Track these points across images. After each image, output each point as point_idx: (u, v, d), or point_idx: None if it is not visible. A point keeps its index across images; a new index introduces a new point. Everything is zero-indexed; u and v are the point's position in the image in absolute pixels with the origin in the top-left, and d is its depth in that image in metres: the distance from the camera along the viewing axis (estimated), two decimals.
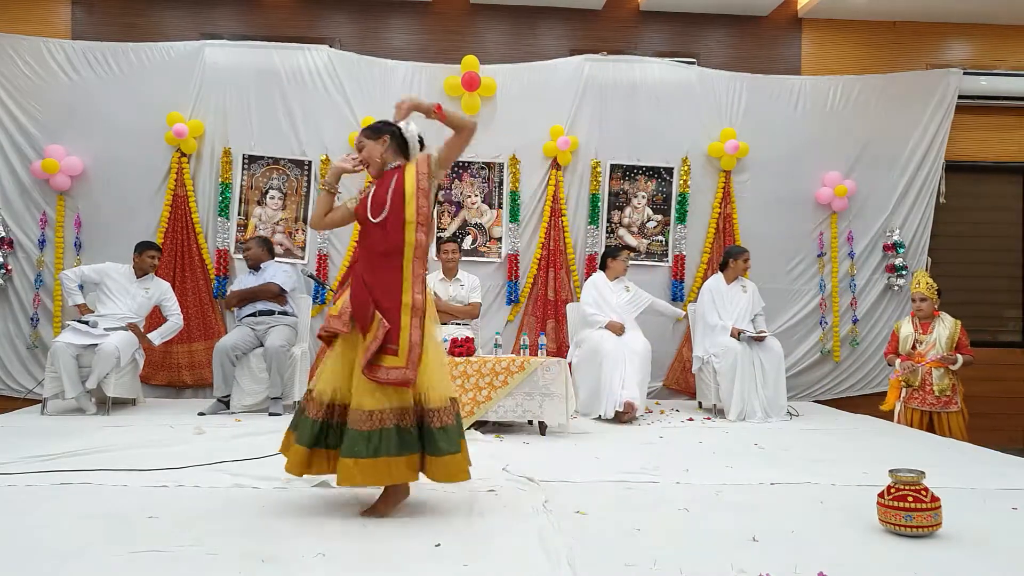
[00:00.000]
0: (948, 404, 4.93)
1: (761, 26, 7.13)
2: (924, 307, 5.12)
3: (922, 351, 5.05)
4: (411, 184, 2.78)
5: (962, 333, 5.07)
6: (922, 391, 4.98)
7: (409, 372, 2.66)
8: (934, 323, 5.11)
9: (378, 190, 2.83)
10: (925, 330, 5.11)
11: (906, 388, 5.04)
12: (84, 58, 6.16)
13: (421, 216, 2.75)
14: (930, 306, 5.10)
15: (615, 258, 5.79)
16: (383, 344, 2.67)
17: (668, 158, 6.66)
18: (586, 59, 6.59)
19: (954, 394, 4.96)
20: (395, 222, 2.74)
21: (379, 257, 2.77)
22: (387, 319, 2.68)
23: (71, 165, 6.04)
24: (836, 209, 6.74)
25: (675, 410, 5.78)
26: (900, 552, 2.39)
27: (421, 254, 2.76)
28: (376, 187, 2.86)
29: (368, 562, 2.25)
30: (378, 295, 2.72)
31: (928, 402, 4.96)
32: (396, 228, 2.74)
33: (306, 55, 6.36)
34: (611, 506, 2.92)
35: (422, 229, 2.75)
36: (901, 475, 2.58)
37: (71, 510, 2.75)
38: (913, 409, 5.02)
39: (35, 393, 5.67)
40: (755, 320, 5.77)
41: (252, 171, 6.35)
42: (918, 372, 4.99)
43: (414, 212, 2.74)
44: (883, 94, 6.79)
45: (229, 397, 5.30)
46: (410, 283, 2.73)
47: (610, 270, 5.78)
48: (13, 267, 6.12)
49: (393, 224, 2.75)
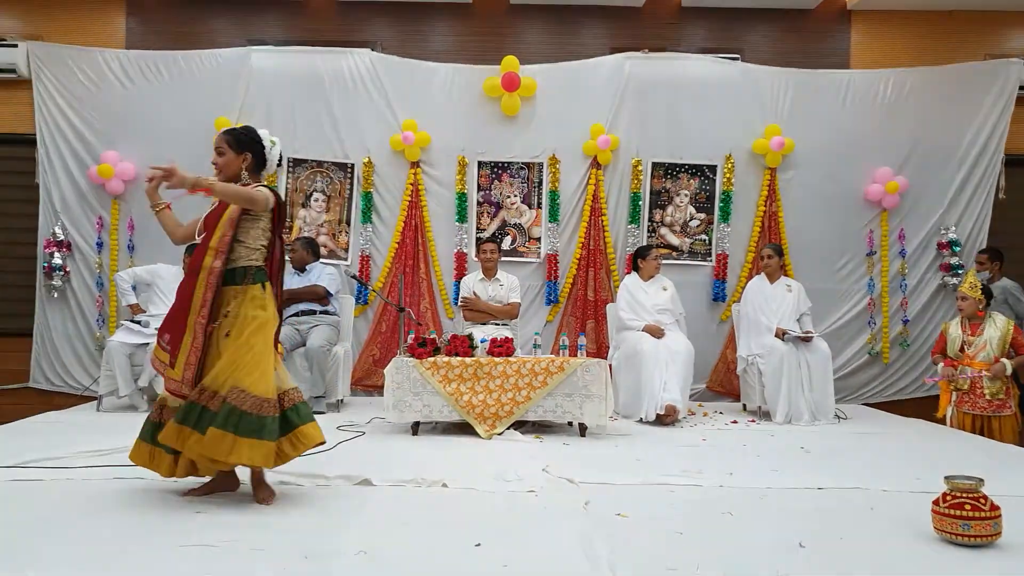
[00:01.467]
0: (1001, 408, 4.77)
1: (808, 20, 6.98)
2: (964, 306, 4.96)
3: (971, 353, 4.88)
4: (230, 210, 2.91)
5: (1016, 332, 4.88)
6: (972, 395, 4.82)
7: (184, 387, 2.81)
8: (983, 324, 4.93)
9: (217, 210, 2.95)
10: (974, 331, 4.94)
11: (955, 392, 4.89)
12: (137, 66, 6.35)
13: (222, 244, 2.88)
14: (971, 306, 4.93)
15: (645, 258, 5.73)
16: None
17: (711, 156, 6.57)
18: (627, 57, 6.53)
19: (1008, 397, 4.80)
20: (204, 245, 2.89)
21: (190, 274, 2.92)
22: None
23: (125, 170, 6.23)
24: (887, 206, 6.56)
25: (719, 412, 5.70)
26: (957, 562, 2.30)
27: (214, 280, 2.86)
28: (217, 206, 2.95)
29: (408, 561, 2.26)
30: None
31: (979, 406, 4.80)
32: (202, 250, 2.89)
33: (348, 59, 6.44)
34: (653, 509, 2.88)
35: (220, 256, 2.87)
36: (958, 482, 2.48)
37: (124, 503, 2.83)
38: (964, 413, 4.86)
39: (91, 390, 5.87)
40: (801, 320, 5.65)
41: (296, 174, 6.45)
42: (966, 375, 4.83)
43: (218, 239, 2.88)
44: (938, 87, 6.58)
45: None
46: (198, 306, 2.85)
47: (642, 270, 5.72)
48: (71, 269, 6.33)
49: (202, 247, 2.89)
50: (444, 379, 4.47)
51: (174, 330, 2.86)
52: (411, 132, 6.32)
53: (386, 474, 3.29)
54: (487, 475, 3.36)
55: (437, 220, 6.50)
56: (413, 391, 4.48)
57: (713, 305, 6.58)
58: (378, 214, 6.49)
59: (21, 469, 3.34)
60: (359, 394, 6.28)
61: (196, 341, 2.81)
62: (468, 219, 6.51)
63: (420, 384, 4.49)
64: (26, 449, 3.70)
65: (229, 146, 2.97)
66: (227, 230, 2.90)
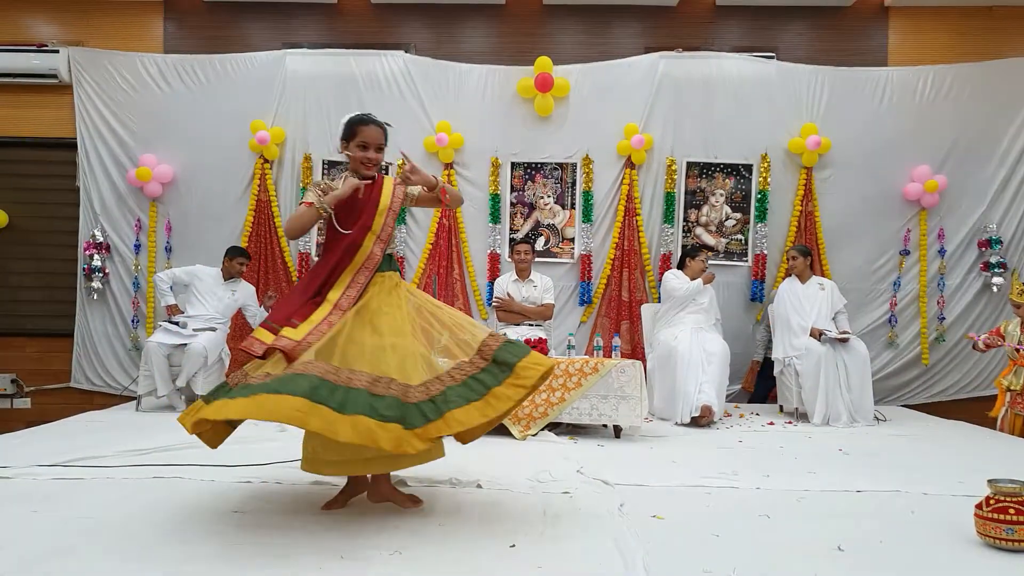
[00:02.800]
0: None
1: (844, 17, 6.87)
2: (1020, 313, 4.90)
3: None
4: (385, 201, 2.89)
5: None
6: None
7: (300, 349, 2.55)
8: None
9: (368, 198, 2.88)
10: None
11: (1010, 392, 4.77)
12: (175, 70, 6.46)
13: (385, 232, 2.86)
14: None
15: (694, 258, 5.69)
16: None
17: (747, 155, 6.50)
18: (661, 56, 6.49)
19: None
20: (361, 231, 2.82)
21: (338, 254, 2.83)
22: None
23: (162, 173, 6.35)
24: (925, 205, 6.43)
25: (755, 414, 5.63)
26: (1000, 568, 2.25)
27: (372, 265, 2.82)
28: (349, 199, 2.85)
29: (443, 562, 2.27)
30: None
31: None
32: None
33: (382, 61, 6.49)
34: (688, 511, 2.86)
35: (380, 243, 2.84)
36: (1002, 485, 2.43)
37: (163, 502, 2.87)
38: (1016, 415, 4.75)
39: (131, 390, 5.99)
40: (836, 319, 5.57)
41: (332, 176, 6.51)
42: (1021, 374, 4.72)
43: (380, 225, 2.85)
44: (978, 84, 6.45)
45: None
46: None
47: (688, 269, 5.69)
48: (110, 271, 6.47)
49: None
50: None
51: (306, 304, 2.72)
52: (444, 134, 6.35)
53: (421, 475, 3.30)
54: (522, 476, 3.35)
55: (471, 221, 6.51)
56: None
57: (750, 306, 6.51)
58: (412, 216, 6.53)
59: (63, 468, 3.41)
60: None
61: (332, 317, 2.68)
62: (501, 220, 6.52)
63: None
64: (68, 448, 3.80)
65: (379, 151, 2.94)
66: (390, 219, 2.89)
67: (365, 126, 2.88)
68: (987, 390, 6.47)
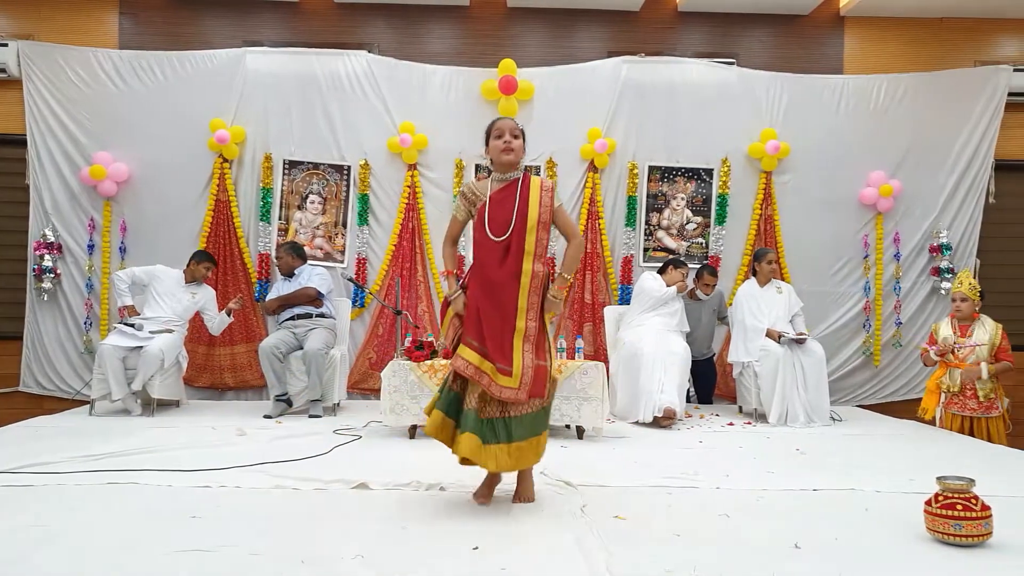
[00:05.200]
0: (990, 409, 4.78)
1: (802, 25, 7.02)
2: (964, 308, 4.94)
3: (961, 355, 4.88)
4: (534, 213, 2.89)
5: (1003, 337, 4.88)
6: (962, 396, 4.83)
7: (521, 394, 2.78)
8: (974, 326, 4.93)
9: (503, 205, 2.91)
10: (963, 332, 4.93)
11: (946, 394, 4.89)
12: (130, 67, 6.32)
13: (540, 248, 2.90)
14: (970, 307, 4.93)
15: (677, 268, 5.72)
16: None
17: (708, 159, 6.60)
18: (624, 61, 6.55)
19: (996, 398, 4.81)
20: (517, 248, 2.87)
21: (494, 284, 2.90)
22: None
23: (117, 171, 6.20)
24: (881, 210, 6.60)
25: (715, 415, 5.71)
26: (949, 562, 2.32)
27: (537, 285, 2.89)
28: (496, 198, 2.92)
29: (406, 564, 2.26)
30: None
31: (969, 407, 4.81)
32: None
33: (345, 61, 6.43)
34: (650, 511, 2.89)
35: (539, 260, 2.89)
36: (949, 482, 2.50)
37: (117, 509, 2.81)
38: (953, 415, 4.87)
39: (83, 394, 5.82)
40: (793, 321, 5.67)
41: (292, 176, 6.44)
42: (955, 375, 4.84)
43: (533, 243, 2.87)
44: (929, 92, 6.64)
45: (287, 394, 5.35)
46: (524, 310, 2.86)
47: (668, 276, 5.71)
48: (62, 271, 6.29)
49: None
50: (442, 382, 4.46)
51: (499, 340, 2.83)
52: (408, 134, 6.32)
53: (383, 478, 3.29)
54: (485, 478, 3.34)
55: (434, 223, 6.49)
56: (410, 394, 4.48)
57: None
58: (375, 216, 6.48)
59: (11, 475, 3.29)
60: (356, 397, 6.27)
61: (527, 345, 2.84)
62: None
63: (417, 387, 4.48)
64: (17, 455, 3.67)
65: (523, 137, 3.00)
66: (543, 234, 2.92)
67: (497, 121, 3.03)
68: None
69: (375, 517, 2.75)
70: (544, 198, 2.94)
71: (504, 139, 2.94)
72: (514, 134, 2.95)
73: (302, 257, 5.85)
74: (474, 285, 2.94)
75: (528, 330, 2.85)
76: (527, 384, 2.79)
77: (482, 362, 2.81)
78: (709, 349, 6.22)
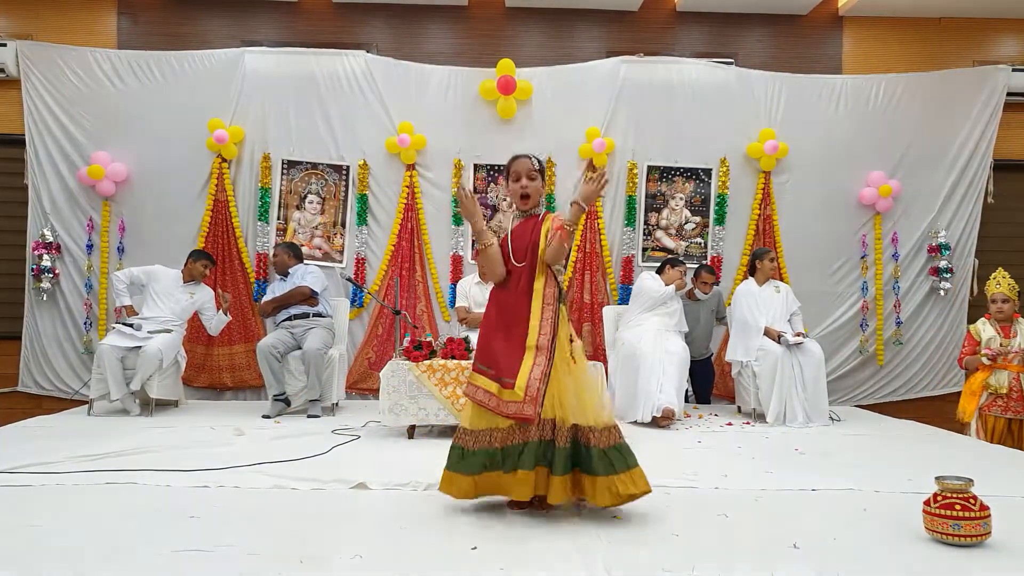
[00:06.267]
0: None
1: (801, 25, 7.02)
2: (1007, 309, 4.76)
3: (1009, 357, 4.70)
4: (543, 244, 2.89)
5: None
6: (1008, 397, 4.66)
7: (526, 407, 2.72)
8: (1015, 326, 4.78)
9: (522, 237, 2.92)
10: (1007, 334, 4.76)
11: (987, 395, 4.72)
12: (129, 67, 6.31)
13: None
14: (1012, 308, 4.77)
15: (674, 267, 5.71)
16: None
17: (706, 159, 6.60)
18: (622, 60, 6.56)
19: None
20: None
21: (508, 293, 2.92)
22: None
23: (116, 171, 6.19)
24: (880, 210, 6.60)
25: (714, 415, 5.71)
26: (947, 562, 2.32)
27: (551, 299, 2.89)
28: (517, 231, 2.94)
29: (404, 564, 2.26)
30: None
31: (1012, 408, 4.63)
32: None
33: (343, 61, 6.43)
34: (648, 511, 2.88)
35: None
36: (948, 482, 2.50)
37: (116, 508, 2.81)
38: (996, 417, 4.69)
39: (82, 394, 5.82)
40: (791, 320, 5.68)
41: (291, 176, 6.44)
42: (1003, 376, 4.66)
43: (546, 267, 2.90)
44: (928, 92, 6.65)
45: (285, 394, 5.35)
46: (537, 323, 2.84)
47: (666, 275, 5.71)
48: (61, 271, 6.29)
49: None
50: (440, 382, 4.47)
51: (508, 355, 2.81)
52: (407, 135, 6.32)
53: (382, 478, 3.28)
54: None
55: (433, 223, 6.49)
56: (409, 394, 4.48)
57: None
58: (374, 216, 6.48)
59: (10, 475, 3.29)
60: (354, 397, 6.27)
61: (539, 359, 2.78)
62: (464, 222, 6.51)
63: (416, 387, 4.48)
64: (15, 454, 3.67)
65: (540, 173, 2.95)
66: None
67: (514, 161, 2.96)
68: (935, 390, 6.70)
69: (373, 517, 2.75)
70: (552, 228, 2.92)
71: (521, 183, 2.93)
72: (530, 176, 2.92)
73: (298, 257, 5.84)
74: (491, 307, 2.97)
75: (540, 346, 2.81)
76: (533, 398, 2.74)
77: (489, 384, 2.82)
78: (708, 349, 6.22)
